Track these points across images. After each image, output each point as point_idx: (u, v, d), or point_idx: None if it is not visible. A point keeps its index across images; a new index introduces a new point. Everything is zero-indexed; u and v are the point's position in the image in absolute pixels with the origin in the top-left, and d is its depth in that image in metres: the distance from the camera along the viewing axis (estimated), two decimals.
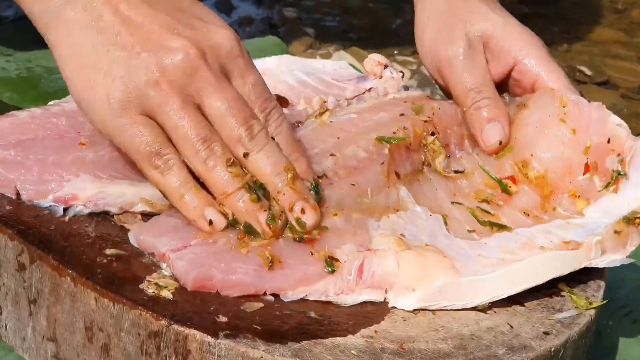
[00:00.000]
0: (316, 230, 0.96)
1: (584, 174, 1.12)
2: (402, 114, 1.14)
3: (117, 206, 1.01)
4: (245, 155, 0.96)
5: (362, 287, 0.94)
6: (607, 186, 1.09)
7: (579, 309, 0.99)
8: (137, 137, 0.95)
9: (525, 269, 0.97)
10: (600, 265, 1.01)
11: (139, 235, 0.96)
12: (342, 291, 0.94)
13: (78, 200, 1.00)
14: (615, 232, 1.03)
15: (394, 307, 0.95)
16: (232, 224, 0.95)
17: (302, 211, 0.96)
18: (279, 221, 0.95)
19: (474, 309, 0.96)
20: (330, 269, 0.93)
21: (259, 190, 0.96)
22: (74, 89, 0.99)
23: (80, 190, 1.00)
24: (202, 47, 0.96)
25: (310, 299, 0.93)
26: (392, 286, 0.95)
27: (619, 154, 1.10)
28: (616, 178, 1.08)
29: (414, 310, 0.95)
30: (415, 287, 0.94)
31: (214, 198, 0.96)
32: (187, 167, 0.97)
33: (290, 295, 0.93)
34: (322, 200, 0.99)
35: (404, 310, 0.95)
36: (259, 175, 0.97)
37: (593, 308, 1.00)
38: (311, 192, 0.99)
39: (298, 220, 0.96)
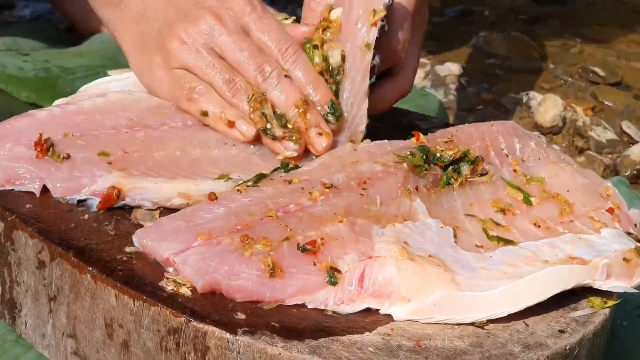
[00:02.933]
0: (320, 241, 0.96)
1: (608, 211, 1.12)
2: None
3: (153, 201, 1.03)
4: (263, 93, 1.15)
5: (364, 296, 0.94)
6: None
7: (594, 308, 1.00)
8: (173, 82, 1.17)
9: (527, 287, 0.96)
10: (603, 288, 1.01)
11: (141, 240, 0.96)
12: (342, 301, 0.93)
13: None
14: (625, 259, 1.02)
15: None
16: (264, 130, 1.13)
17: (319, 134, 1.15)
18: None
19: (471, 324, 0.95)
20: (332, 281, 0.93)
21: (279, 119, 1.14)
22: (133, 68, 1.23)
23: (117, 184, 1.02)
24: (219, 12, 1.18)
25: (309, 307, 0.93)
26: (390, 294, 0.94)
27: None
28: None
29: None
30: (411, 298, 0.94)
31: None
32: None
33: (288, 302, 0.93)
34: (341, 116, 1.17)
35: None
36: (279, 108, 1.15)
37: (608, 307, 1.00)
38: (329, 114, 1.17)
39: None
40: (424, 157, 1.09)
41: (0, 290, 1.00)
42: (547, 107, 1.82)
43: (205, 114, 1.15)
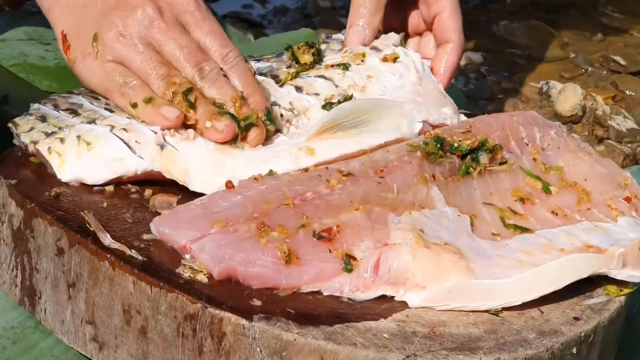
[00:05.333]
0: (335, 228, 0.96)
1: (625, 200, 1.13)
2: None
3: None
4: (202, 93, 1.11)
5: (379, 283, 0.94)
6: None
7: (609, 295, 1.00)
8: (106, 74, 1.12)
9: (542, 275, 0.96)
10: (619, 277, 1.01)
11: (159, 227, 0.97)
12: (358, 288, 0.94)
13: None
14: None
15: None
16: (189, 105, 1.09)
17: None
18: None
19: (486, 311, 0.95)
20: (348, 268, 0.94)
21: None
22: (63, 54, 1.18)
23: None
24: (158, 4, 1.13)
25: (325, 294, 0.94)
26: (405, 281, 0.95)
27: None
28: None
29: None
30: (426, 286, 0.94)
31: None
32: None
33: (303, 289, 0.93)
34: (274, 127, 1.14)
35: None
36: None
37: (623, 294, 1.01)
38: (265, 121, 1.12)
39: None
40: (438, 145, 1.09)
41: (20, 277, 1.01)
42: (567, 96, 1.81)
43: (134, 105, 1.09)
